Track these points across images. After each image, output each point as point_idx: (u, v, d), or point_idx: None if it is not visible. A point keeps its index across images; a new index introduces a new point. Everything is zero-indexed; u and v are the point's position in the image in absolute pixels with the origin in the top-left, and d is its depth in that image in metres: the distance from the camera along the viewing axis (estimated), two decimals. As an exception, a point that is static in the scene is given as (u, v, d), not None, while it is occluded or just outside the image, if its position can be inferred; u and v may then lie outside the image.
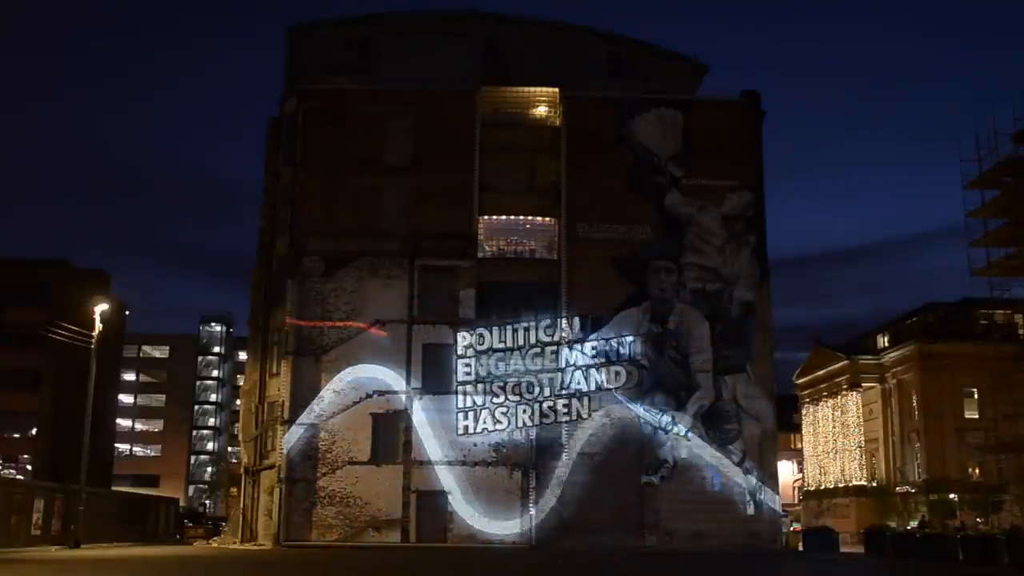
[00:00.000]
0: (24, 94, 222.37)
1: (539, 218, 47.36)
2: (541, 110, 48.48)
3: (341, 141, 46.04)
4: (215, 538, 54.41)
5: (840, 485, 75.25)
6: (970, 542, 34.82)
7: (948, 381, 66.88)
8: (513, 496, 42.70)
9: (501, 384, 43.48)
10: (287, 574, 24.60)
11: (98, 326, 41.72)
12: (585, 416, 43.45)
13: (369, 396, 43.21)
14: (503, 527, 42.44)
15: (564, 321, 44.29)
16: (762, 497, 43.56)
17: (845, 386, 75.83)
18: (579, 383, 43.73)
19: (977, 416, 62.77)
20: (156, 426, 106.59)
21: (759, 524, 43.40)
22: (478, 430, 43.06)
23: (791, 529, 64.75)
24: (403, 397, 43.25)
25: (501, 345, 43.88)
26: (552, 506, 42.69)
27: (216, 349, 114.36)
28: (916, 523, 53.84)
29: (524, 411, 43.27)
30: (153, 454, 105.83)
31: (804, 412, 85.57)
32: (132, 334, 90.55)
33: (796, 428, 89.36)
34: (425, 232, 45.02)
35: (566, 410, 43.50)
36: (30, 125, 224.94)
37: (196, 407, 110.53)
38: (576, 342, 44.06)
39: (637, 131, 46.57)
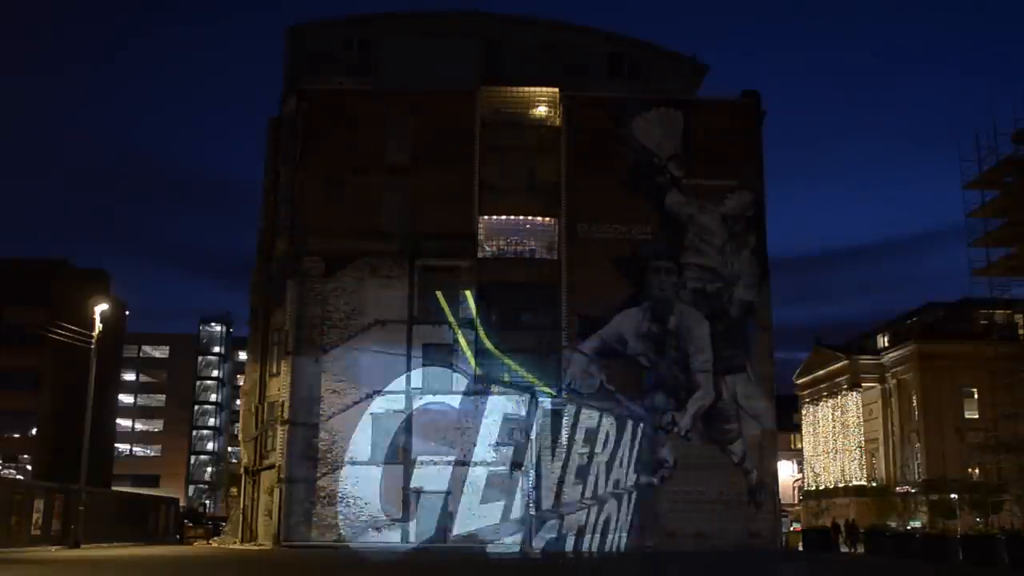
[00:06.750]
0: (23, 95, 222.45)
1: (539, 218, 47.37)
2: (541, 110, 48.46)
3: (341, 141, 46.05)
4: (215, 538, 54.35)
5: (840, 485, 75.26)
6: (970, 542, 34.76)
7: (948, 381, 66.85)
8: (513, 496, 42.68)
9: (502, 384, 43.50)
10: (287, 574, 24.61)
11: (98, 326, 41.71)
12: (585, 416, 43.47)
13: (369, 396, 43.23)
14: (502, 527, 42.40)
15: (564, 321, 44.29)
16: (762, 497, 43.60)
17: (845, 386, 75.85)
18: (579, 383, 43.73)
19: (977, 416, 62.66)
20: (156, 426, 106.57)
21: (759, 524, 43.41)
22: (478, 430, 43.05)
23: (791, 529, 64.76)
24: (403, 397, 43.25)
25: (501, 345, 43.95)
26: (552, 506, 42.70)
27: (216, 349, 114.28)
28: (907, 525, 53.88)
29: (524, 411, 43.26)
30: (153, 454, 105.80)
31: (804, 412, 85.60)
32: (132, 334, 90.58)
33: (796, 428, 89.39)
34: (425, 232, 45.00)
35: (566, 410, 43.50)
36: (29, 126, 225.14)
37: (196, 407, 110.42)
38: (576, 342, 44.09)
39: (637, 131, 46.54)
